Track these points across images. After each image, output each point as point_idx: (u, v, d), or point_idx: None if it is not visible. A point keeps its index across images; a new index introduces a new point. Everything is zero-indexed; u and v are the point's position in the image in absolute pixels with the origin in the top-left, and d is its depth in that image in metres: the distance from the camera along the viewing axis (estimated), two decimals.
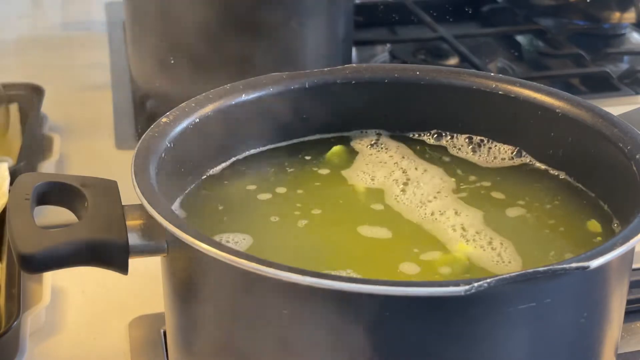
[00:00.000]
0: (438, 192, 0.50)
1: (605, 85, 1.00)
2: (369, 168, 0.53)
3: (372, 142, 0.55)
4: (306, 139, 0.55)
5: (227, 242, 0.46)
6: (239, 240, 0.46)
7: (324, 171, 0.53)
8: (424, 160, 0.53)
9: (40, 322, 0.61)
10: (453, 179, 0.52)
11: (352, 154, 0.54)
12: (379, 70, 0.55)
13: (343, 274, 0.43)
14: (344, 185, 0.52)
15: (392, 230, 0.48)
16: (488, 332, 0.39)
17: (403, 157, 0.53)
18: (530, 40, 1.13)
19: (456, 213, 0.48)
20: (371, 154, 0.54)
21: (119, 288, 0.65)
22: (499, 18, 1.18)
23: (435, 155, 0.54)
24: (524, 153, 0.54)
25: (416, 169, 0.52)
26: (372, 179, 0.52)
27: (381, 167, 0.53)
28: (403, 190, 0.51)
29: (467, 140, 0.55)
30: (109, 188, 0.45)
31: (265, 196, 0.51)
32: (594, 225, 0.48)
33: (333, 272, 0.42)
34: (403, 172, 0.52)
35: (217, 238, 0.46)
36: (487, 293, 0.36)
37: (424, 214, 0.49)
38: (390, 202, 0.50)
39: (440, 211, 0.49)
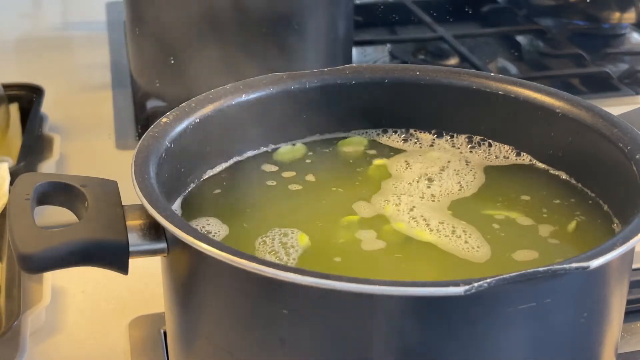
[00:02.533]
0: (435, 194, 0.51)
1: (605, 85, 1.01)
2: (414, 159, 0.53)
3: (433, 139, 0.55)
4: (306, 139, 0.55)
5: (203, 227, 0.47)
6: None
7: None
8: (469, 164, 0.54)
9: (40, 322, 0.61)
10: (460, 183, 0.52)
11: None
12: (379, 70, 0.55)
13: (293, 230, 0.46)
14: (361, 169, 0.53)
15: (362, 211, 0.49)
16: (488, 332, 0.39)
17: (460, 161, 0.53)
18: (530, 40, 1.13)
19: (410, 208, 0.49)
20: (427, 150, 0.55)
21: (119, 288, 0.65)
22: (499, 18, 1.18)
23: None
24: (523, 153, 0.54)
25: (456, 172, 0.52)
26: (408, 167, 0.53)
27: (426, 161, 0.53)
28: (410, 183, 0.51)
29: (467, 139, 0.55)
30: (109, 188, 0.45)
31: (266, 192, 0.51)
32: (571, 226, 0.48)
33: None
34: (441, 170, 0.52)
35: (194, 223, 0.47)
36: (487, 293, 0.36)
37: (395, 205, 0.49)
38: (387, 187, 0.51)
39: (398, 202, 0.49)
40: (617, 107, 0.58)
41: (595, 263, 0.38)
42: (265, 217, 0.49)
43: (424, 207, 0.49)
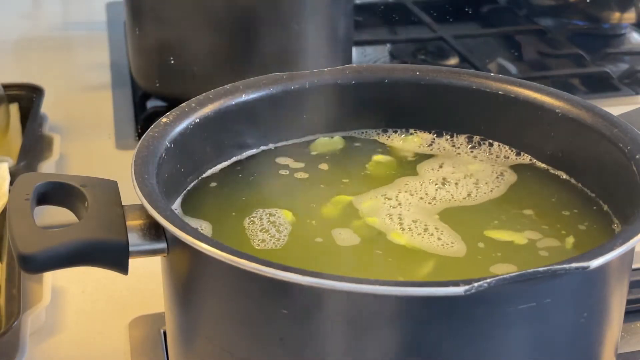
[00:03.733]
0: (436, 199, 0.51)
1: (605, 85, 1.01)
2: (451, 162, 0.53)
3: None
4: (306, 138, 0.55)
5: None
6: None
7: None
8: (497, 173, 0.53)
9: (40, 322, 0.61)
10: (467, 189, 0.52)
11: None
12: (379, 70, 0.55)
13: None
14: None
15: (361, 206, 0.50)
16: (488, 332, 0.39)
17: (493, 173, 0.53)
18: (530, 40, 1.13)
19: (393, 205, 0.49)
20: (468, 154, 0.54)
21: (119, 288, 0.65)
22: (499, 18, 1.18)
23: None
24: (523, 153, 0.54)
25: (476, 182, 0.52)
26: (437, 169, 0.53)
27: (459, 165, 0.53)
28: (422, 183, 0.51)
29: (466, 139, 0.55)
30: (109, 188, 0.45)
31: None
32: (569, 242, 0.47)
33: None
34: (464, 177, 0.52)
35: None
36: (487, 293, 0.36)
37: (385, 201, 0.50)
38: (401, 185, 0.51)
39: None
40: (617, 107, 0.58)
41: (595, 263, 0.38)
42: (257, 202, 0.49)
43: (410, 207, 0.49)
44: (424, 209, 0.49)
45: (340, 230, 0.47)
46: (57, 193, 0.46)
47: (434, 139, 0.55)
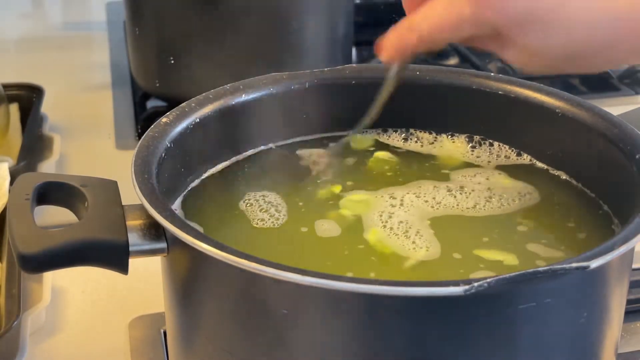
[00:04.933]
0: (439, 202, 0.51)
1: (605, 85, 1.01)
2: (485, 175, 0.53)
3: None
4: (306, 138, 0.55)
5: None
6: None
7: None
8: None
9: (40, 322, 0.61)
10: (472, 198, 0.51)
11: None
12: (379, 70, 0.55)
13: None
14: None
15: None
16: (488, 332, 0.39)
17: (513, 189, 0.52)
18: None
19: (387, 213, 0.49)
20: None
21: (119, 288, 0.65)
22: None
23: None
24: (523, 153, 0.54)
25: (489, 196, 0.51)
26: (467, 177, 0.53)
27: (493, 177, 0.53)
28: (436, 187, 0.51)
29: (466, 139, 0.55)
30: (109, 188, 0.45)
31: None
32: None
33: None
34: (485, 189, 0.52)
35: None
36: (487, 293, 0.36)
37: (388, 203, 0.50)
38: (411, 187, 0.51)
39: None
40: (617, 107, 0.58)
41: (595, 263, 0.38)
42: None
43: (410, 208, 0.49)
44: (423, 211, 0.49)
45: (323, 221, 0.48)
46: (57, 193, 0.46)
47: (488, 148, 0.55)
